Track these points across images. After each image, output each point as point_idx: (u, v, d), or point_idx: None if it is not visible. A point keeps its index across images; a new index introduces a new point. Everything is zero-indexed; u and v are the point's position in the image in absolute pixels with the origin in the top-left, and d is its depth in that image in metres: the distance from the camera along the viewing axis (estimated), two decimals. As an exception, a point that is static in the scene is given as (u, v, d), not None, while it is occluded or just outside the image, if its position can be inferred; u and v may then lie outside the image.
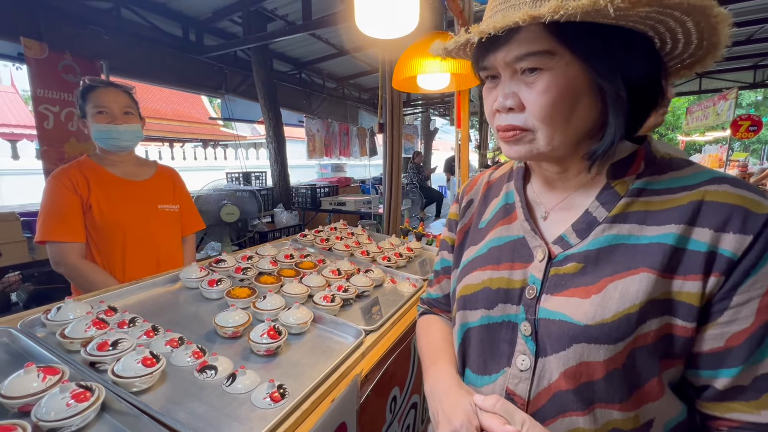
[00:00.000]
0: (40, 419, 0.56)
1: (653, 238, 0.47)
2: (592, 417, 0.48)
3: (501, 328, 0.56)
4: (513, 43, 0.47)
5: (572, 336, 0.47)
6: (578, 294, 0.49)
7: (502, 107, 0.50)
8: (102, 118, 1.22)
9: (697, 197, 0.46)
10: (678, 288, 0.45)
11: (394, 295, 1.25)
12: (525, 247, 0.57)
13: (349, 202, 4.07)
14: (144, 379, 0.68)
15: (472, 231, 0.68)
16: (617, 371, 0.46)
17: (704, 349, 0.46)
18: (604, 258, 0.49)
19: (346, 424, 0.74)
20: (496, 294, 0.57)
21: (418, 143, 10.69)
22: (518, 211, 0.61)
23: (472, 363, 0.60)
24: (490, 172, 0.73)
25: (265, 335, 0.83)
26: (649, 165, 0.52)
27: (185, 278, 1.11)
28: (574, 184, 0.56)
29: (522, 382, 0.52)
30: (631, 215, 0.50)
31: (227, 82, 5.30)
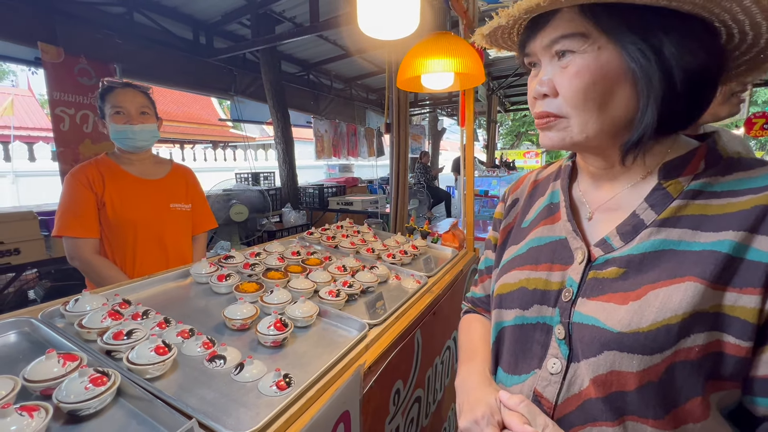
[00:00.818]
0: (61, 401, 0.59)
1: (707, 245, 0.43)
2: (622, 429, 0.45)
3: (535, 330, 0.55)
4: (549, 26, 0.47)
5: (603, 342, 0.45)
6: (615, 299, 0.46)
7: (537, 94, 0.50)
8: (119, 118, 1.27)
9: (763, 201, 0.42)
10: (732, 302, 0.41)
11: (398, 291, 1.27)
12: (566, 249, 0.55)
13: (356, 202, 4.11)
14: (157, 366, 0.71)
15: (515, 230, 0.67)
16: (652, 384, 0.43)
17: (760, 373, 0.41)
18: (649, 264, 0.46)
19: (350, 412, 0.76)
20: (532, 294, 0.56)
21: (426, 143, 10.68)
22: (562, 211, 0.59)
23: (504, 362, 0.60)
24: (539, 171, 0.72)
25: (272, 327, 0.86)
26: (712, 165, 0.48)
27: (195, 273, 1.15)
28: (622, 183, 0.53)
29: (551, 385, 0.51)
30: (683, 219, 0.46)
31: (236, 84, 5.38)
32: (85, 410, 0.61)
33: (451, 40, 1.30)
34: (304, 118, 7.27)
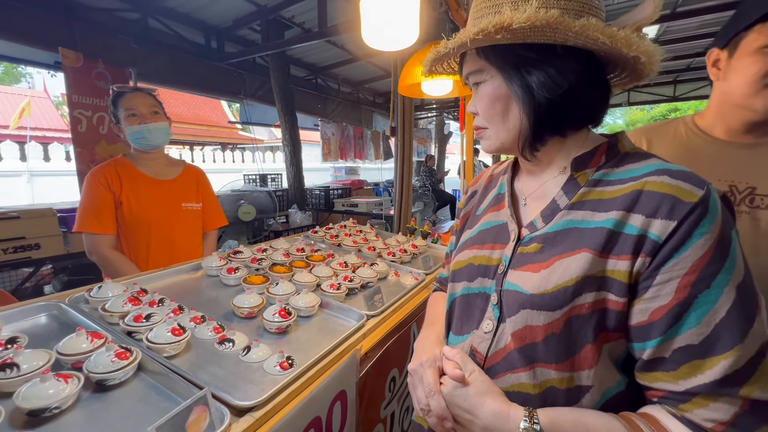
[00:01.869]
0: (91, 371, 0.67)
1: (599, 222, 0.53)
2: (533, 374, 0.55)
3: (477, 298, 0.65)
4: (463, 65, 0.63)
5: (521, 303, 0.56)
6: (532, 269, 0.57)
7: (470, 113, 0.65)
8: (133, 120, 1.36)
9: (638, 187, 0.52)
10: (612, 267, 0.50)
11: (396, 287, 1.34)
12: (506, 231, 0.65)
13: (361, 204, 4.18)
14: (173, 345, 0.78)
15: (471, 217, 0.78)
16: (554, 335, 0.53)
17: (633, 322, 0.51)
18: (559, 240, 0.56)
19: (346, 392, 0.83)
20: (477, 269, 0.66)
21: (432, 147, 10.74)
22: (506, 200, 0.69)
23: (454, 325, 0.71)
24: (494, 167, 0.82)
25: (277, 315, 0.93)
26: (610, 158, 0.58)
27: (206, 266, 1.23)
28: (546, 176, 0.64)
29: (483, 342, 0.61)
30: (586, 203, 0.56)
31: (246, 87, 5.50)
32: (111, 380, 0.68)
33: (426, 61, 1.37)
34: (312, 121, 7.38)
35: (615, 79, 0.62)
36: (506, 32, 0.51)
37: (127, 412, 0.64)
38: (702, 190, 0.48)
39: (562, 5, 0.52)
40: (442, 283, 0.91)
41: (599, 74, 0.58)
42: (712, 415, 0.46)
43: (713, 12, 4.78)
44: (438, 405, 0.59)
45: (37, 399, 0.59)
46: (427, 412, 0.61)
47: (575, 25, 0.49)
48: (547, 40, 0.52)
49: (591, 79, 0.56)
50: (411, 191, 3.53)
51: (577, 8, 0.53)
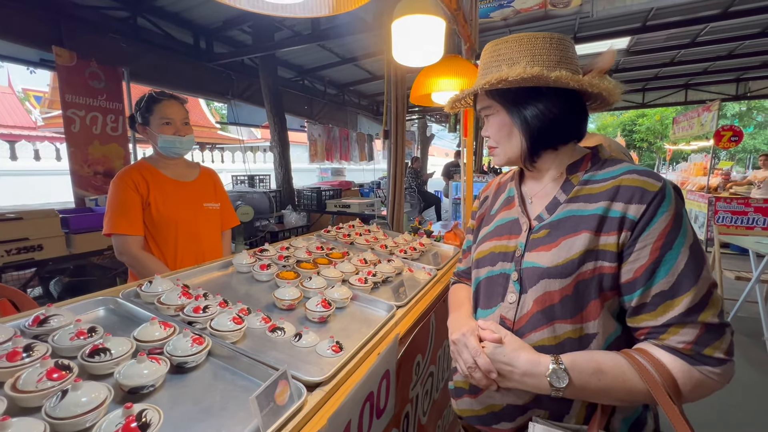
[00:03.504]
0: (172, 355, 0.74)
1: (592, 210, 0.71)
2: (552, 329, 0.71)
3: (499, 278, 0.80)
4: (477, 103, 0.84)
5: (539, 274, 0.72)
6: (545, 249, 0.73)
7: (484, 136, 0.85)
8: (168, 129, 1.42)
9: (617, 183, 0.70)
10: (604, 241, 0.68)
11: (413, 281, 1.45)
12: (517, 224, 0.82)
13: (354, 205, 4.27)
14: (235, 333, 0.86)
15: (486, 217, 0.94)
16: (567, 297, 0.70)
17: (623, 280, 0.68)
18: (562, 225, 0.73)
19: (389, 372, 0.93)
20: (497, 256, 0.82)
21: (415, 149, 10.93)
22: (516, 201, 0.86)
23: (481, 302, 0.86)
24: (501, 176, 0.99)
25: (319, 305, 1.02)
26: (594, 164, 0.78)
27: (238, 264, 1.30)
28: (546, 180, 0.82)
29: (510, 310, 0.77)
30: (580, 197, 0.74)
31: (234, 88, 5.50)
32: (190, 363, 0.76)
33: (460, 63, 1.50)
34: (298, 122, 7.40)
35: (591, 105, 0.81)
36: (504, 82, 0.71)
37: (210, 389, 0.72)
38: (660, 183, 0.67)
39: (542, 63, 0.72)
40: (460, 275, 1.05)
41: (579, 103, 0.77)
42: (682, 338, 0.63)
43: (679, 26, 5.17)
44: (484, 361, 0.71)
45: (139, 377, 0.66)
46: (474, 369, 0.73)
47: (552, 76, 0.68)
48: (534, 85, 0.72)
49: (572, 108, 0.76)
50: (403, 192, 3.64)
51: (553, 64, 0.73)
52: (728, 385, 0.65)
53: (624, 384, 0.65)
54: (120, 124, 3.29)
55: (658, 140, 20.89)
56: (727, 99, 8.80)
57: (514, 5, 4.68)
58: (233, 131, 13.18)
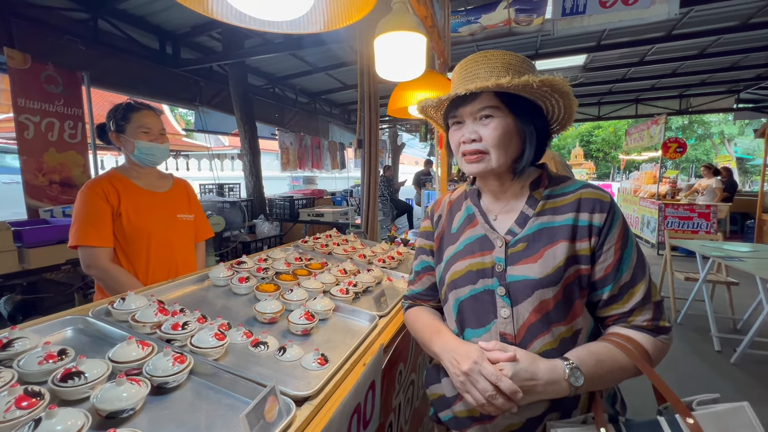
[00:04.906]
0: (153, 375, 0.72)
1: (561, 222, 0.78)
2: (551, 334, 0.76)
3: (484, 294, 0.81)
4: (477, 101, 0.79)
5: (533, 286, 0.76)
6: (530, 261, 0.78)
7: (468, 139, 0.80)
8: (146, 136, 1.37)
9: (578, 196, 0.80)
10: (579, 247, 0.77)
11: (392, 290, 1.46)
12: (487, 240, 0.84)
13: (327, 214, 4.24)
14: (217, 349, 0.84)
15: (447, 236, 0.93)
16: (560, 301, 0.76)
17: (596, 278, 0.78)
18: (537, 237, 0.79)
19: (375, 382, 0.94)
20: (476, 273, 0.83)
21: (386, 157, 11.03)
22: (478, 218, 0.88)
23: (470, 323, 0.84)
24: (449, 195, 1.01)
25: (303, 318, 1.02)
26: (550, 180, 0.85)
27: (214, 277, 1.26)
28: (509, 196, 0.87)
29: (507, 325, 0.78)
30: (546, 210, 0.81)
31: (202, 95, 5.35)
32: (172, 383, 0.73)
33: (436, 77, 1.55)
34: (269, 130, 7.29)
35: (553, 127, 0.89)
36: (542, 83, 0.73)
37: (194, 409, 0.70)
38: (608, 195, 0.80)
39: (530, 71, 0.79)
40: (417, 298, 1.01)
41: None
42: (644, 317, 0.77)
43: (629, 46, 5.60)
44: (508, 384, 0.69)
45: (118, 401, 0.64)
46: (494, 396, 0.69)
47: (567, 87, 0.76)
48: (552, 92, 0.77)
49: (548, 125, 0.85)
50: (377, 201, 3.67)
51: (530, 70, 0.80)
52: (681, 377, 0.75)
53: (618, 365, 0.73)
54: (79, 131, 3.11)
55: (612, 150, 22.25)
56: (671, 113, 9.58)
57: (481, 21, 4.89)
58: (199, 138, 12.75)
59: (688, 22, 5.11)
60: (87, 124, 3.24)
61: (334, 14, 0.69)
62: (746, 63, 7.29)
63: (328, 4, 0.68)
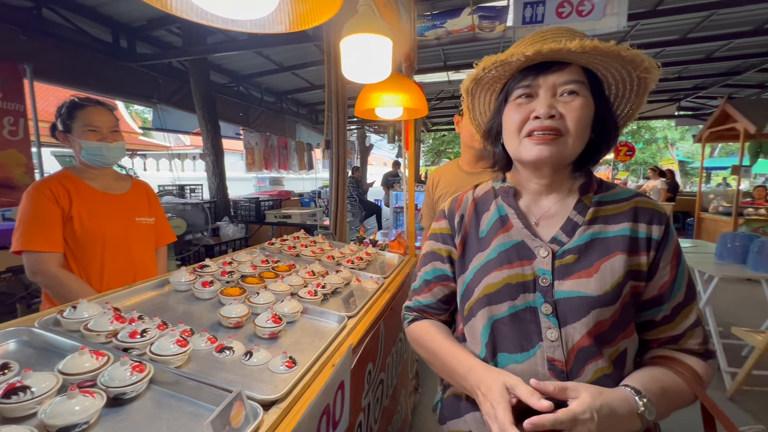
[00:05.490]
0: (109, 386, 0.68)
1: (616, 232, 0.69)
2: (604, 356, 0.66)
3: (526, 313, 0.69)
4: (564, 71, 0.67)
5: (590, 304, 0.66)
6: (583, 275, 0.67)
7: (545, 114, 0.66)
8: (93, 135, 1.28)
9: (633, 205, 0.72)
10: (637, 261, 0.68)
11: (361, 291, 1.47)
12: (526, 248, 0.72)
13: (295, 215, 4.17)
14: (179, 356, 0.81)
15: (473, 240, 0.80)
16: (615, 321, 0.67)
17: (648, 296, 0.70)
18: (590, 249, 0.69)
19: (344, 382, 0.94)
20: (516, 287, 0.70)
21: (355, 158, 11.02)
22: (513, 221, 0.76)
23: (506, 346, 0.71)
24: (471, 192, 0.87)
25: (270, 321, 1.00)
26: (599, 186, 0.76)
27: (176, 282, 1.21)
28: (554, 198, 0.76)
29: (556, 349, 0.67)
30: (598, 218, 0.72)
31: (160, 92, 5.10)
32: (130, 393, 0.70)
33: (402, 80, 1.57)
34: (233, 129, 7.07)
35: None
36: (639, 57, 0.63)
37: (155, 419, 0.67)
38: (663, 207, 0.72)
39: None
40: (424, 311, 0.88)
41: None
42: (696, 340, 0.71)
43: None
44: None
45: (69, 415, 0.60)
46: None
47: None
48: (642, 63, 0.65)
49: None
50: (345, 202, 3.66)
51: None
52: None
53: (680, 394, 0.66)
54: (20, 128, 2.87)
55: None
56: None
57: (447, 26, 5.01)
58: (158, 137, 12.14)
59: (635, 34, 5.49)
60: (30, 120, 2.99)
61: (299, 15, 0.69)
62: (686, 74, 7.93)
63: (293, 4, 0.67)
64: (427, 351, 0.82)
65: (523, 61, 0.67)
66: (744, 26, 5.72)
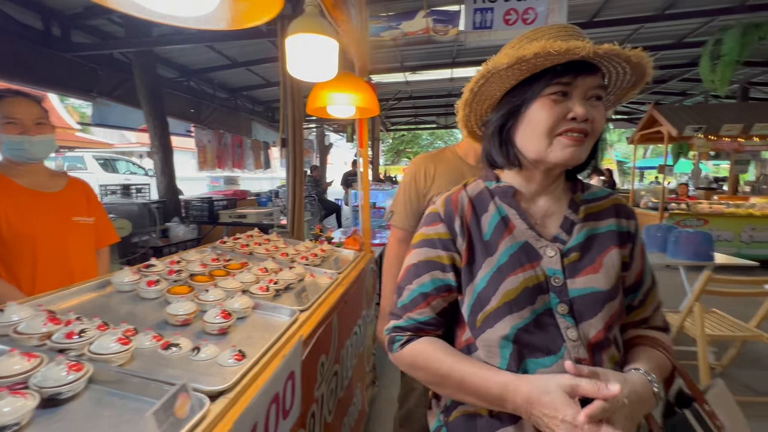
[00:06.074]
0: (42, 387, 0.66)
1: (605, 227, 0.75)
2: (613, 344, 0.71)
3: (544, 316, 0.69)
4: (597, 75, 0.67)
5: (603, 299, 0.69)
6: (591, 271, 0.70)
7: (583, 116, 0.65)
8: (12, 128, 1.19)
9: (613, 202, 0.79)
10: (623, 253, 0.74)
11: (315, 286, 1.49)
12: (531, 249, 0.72)
13: (251, 215, 4.08)
14: (122, 354, 0.80)
15: (478, 245, 0.74)
16: (617, 312, 0.71)
17: (628, 284, 0.75)
18: (590, 246, 0.73)
19: (294, 373, 0.96)
20: (533, 290, 0.69)
21: (314, 157, 10.90)
22: (516, 222, 0.74)
23: (533, 352, 0.68)
24: (462, 191, 0.81)
25: (219, 316, 1.00)
26: (581, 185, 0.80)
27: (118, 282, 1.17)
28: (551, 198, 0.77)
29: (580, 348, 0.67)
30: (589, 215, 0.76)
31: (100, 84, 4.76)
32: (67, 393, 0.68)
33: (354, 79, 1.61)
34: (184, 126, 6.74)
35: None
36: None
37: (94, 417, 0.66)
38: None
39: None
40: (421, 328, 0.77)
41: None
42: (661, 317, 0.80)
43: None
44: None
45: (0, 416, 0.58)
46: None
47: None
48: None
49: None
50: (303, 201, 3.64)
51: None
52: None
53: (666, 368, 0.73)
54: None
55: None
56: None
57: (402, 28, 5.12)
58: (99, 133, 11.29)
59: (575, 43, 5.91)
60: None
61: (240, 13, 0.70)
62: (621, 81, 8.61)
63: (233, 2, 0.69)
64: (433, 374, 0.72)
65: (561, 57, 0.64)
66: (667, 39, 6.34)
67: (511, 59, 0.64)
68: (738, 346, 2.68)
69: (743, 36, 4.66)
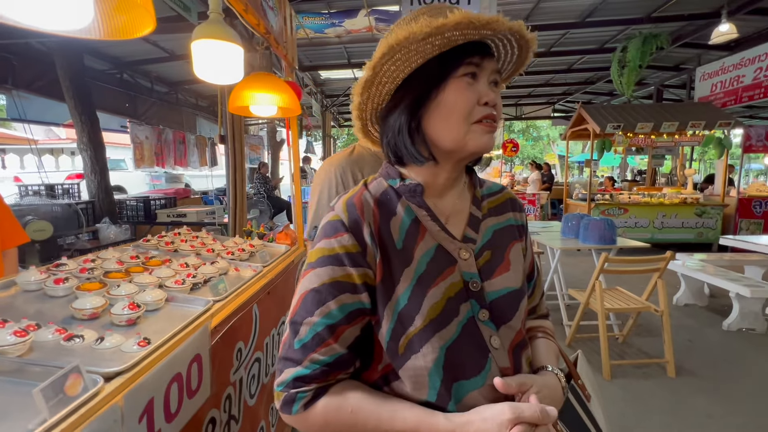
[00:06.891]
0: (-71, 377, 0.70)
1: (505, 222, 0.73)
2: (528, 343, 0.72)
3: (468, 327, 0.61)
4: (494, 58, 0.63)
5: (517, 297, 0.67)
6: (503, 270, 0.67)
7: (493, 101, 0.60)
8: None
9: (507, 196, 0.78)
10: (522, 246, 0.74)
11: (237, 279, 1.55)
12: (445, 252, 0.64)
13: (191, 214, 3.98)
14: (17, 346, 0.83)
15: (393, 255, 0.63)
16: (526, 306, 0.72)
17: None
18: (495, 242, 0.69)
19: (201, 356, 1.04)
20: (455, 300, 0.61)
21: (265, 154, 10.66)
22: (426, 224, 0.65)
23: (464, 372, 0.60)
24: (363, 192, 0.67)
25: (126, 308, 1.05)
26: (478, 179, 0.77)
27: (23, 281, 1.17)
28: (456, 194, 0.70)
29: (503, 356, 0.63)
30: (490, 210, 0.73)
31: (15, 76, 4.39)
32: (-44, 382, 0.72)
33: (274, 79, 1.68)
34: (118, 121, 6.36)
35: None
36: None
37: (-15, 402, 0.71)
38: None
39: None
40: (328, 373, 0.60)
41: None
42: (544, 305, 0.84)
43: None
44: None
45: None
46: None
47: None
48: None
49: None
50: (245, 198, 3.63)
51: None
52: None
53: (558, 355, 0.76)
54: None
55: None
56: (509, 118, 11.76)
57: (345, 26, 5.19)
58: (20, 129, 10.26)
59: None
60: None
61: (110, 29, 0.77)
62: (555, 81, 9.34)
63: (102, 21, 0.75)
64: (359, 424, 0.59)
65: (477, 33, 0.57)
66: (591, 44, 6.95)
67: (431, 28, 0.54)
68: (634, 317, 3.09)
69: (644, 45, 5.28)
